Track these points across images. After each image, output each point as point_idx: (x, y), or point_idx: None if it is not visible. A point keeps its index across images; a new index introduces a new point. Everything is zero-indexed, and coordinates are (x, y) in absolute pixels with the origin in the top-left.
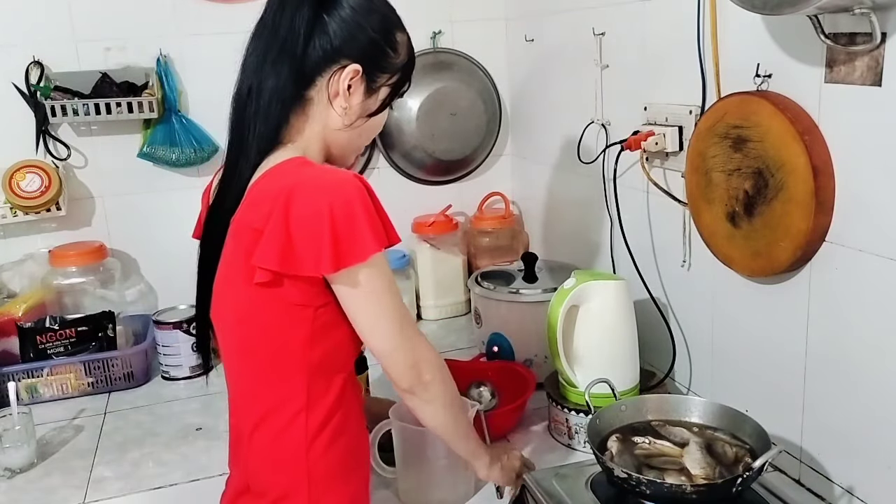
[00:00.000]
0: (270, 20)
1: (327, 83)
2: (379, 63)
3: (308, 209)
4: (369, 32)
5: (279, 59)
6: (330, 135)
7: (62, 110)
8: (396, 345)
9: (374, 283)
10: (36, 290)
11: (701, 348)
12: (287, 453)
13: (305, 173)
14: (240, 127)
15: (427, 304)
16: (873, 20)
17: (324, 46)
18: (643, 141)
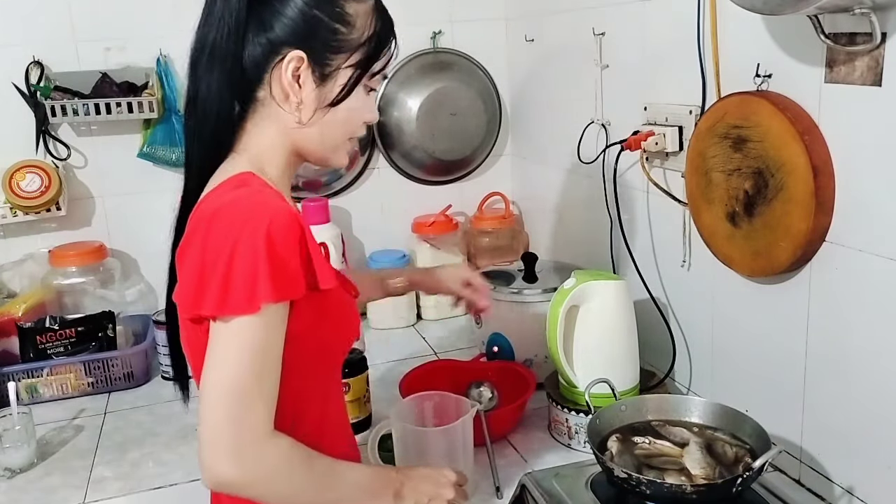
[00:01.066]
0: (203, 16)
1: (278, 79)
2: (326, 43)
3: (218, 242)
4: (305, 9)
5: (210, 60)
6: (293, 134)
7: (62, 110)
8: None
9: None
10: (36, 290)
11: (701, 348)
12: None
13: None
14: (188, 137)
15: (427, 304)
16: (873, 20)
17: (259, 39)
18: (643, 141)
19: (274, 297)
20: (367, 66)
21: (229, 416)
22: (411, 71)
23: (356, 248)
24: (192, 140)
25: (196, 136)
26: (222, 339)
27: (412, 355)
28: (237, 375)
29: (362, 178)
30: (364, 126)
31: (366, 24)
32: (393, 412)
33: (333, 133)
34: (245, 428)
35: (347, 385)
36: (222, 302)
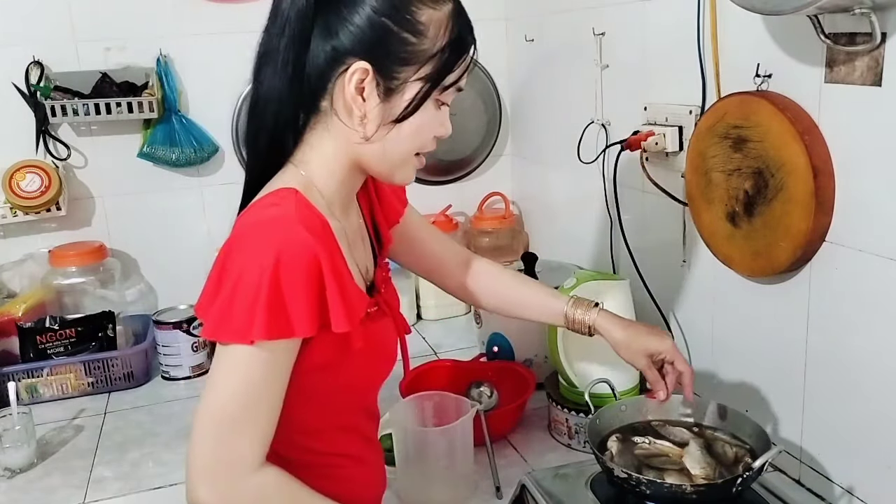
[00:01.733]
0: (270, 20)
1: (342, 91)
2: (394, 54)
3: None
4: (372, 16)
5: (274, 65)
6: (354, 150)
7: (62, 110)
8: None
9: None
10: (36, 290)
11: (701, 348)
12: None
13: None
14: (248, 141)
15: (427, 304)
16: (873, 20)
17: (324, 46)
18: (643, 141)
19: (266, 335)
20: (438, 79)
21: (215, 442)
22: None
23: None
24: (251, 145)
25: (254, 141)
26: (221, 362)
27: (412, 355)
28: (227, 403)
29: None
30: (435, 141)
31: (439, 33)
32: (393, 412)
33: (399, 149)
34: (226, 457)
35: None
36: (220, 327)
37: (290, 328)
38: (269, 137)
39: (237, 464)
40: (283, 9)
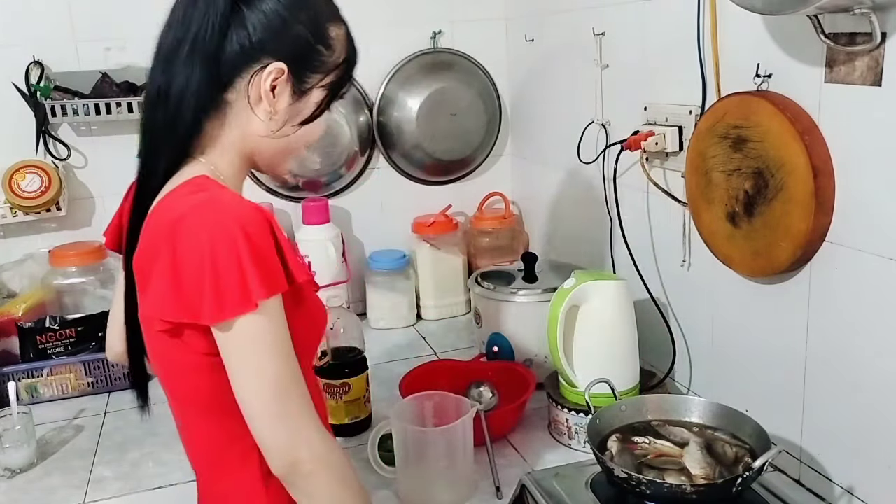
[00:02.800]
0: (182, 10)
1: (247, 85)
2: (309, 62)
3: (193, 247)
4: (296, 27)
5: (190, 56)
6: (253, 142)
7: (62, 110)
8: (272, 419)
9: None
10: (36, 290)
11: (701, 348)
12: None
13: (193, 203)
14: (150, 135)
15: (427, 304)
16: (873, 20)
17: (242, 42)
18: (643, 141)
19: (266, 292)
20: (338, 88)
21: (288, 416)
22: (411, 71)
23: (356, 248)
24: (162, 136)
25: (167, 132)
26: (236, 347)
27: (412, 355)
28: (277, 378)
29: (362, 178)
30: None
31: (342, 48)
32: (393, 412)
33: (295, 146)
34: (305, 422)
35: (347, 385)
36: (220, 307)
37: (279, 280)
38: (188, 127)
39: (312, 420)
40: (200, 4)
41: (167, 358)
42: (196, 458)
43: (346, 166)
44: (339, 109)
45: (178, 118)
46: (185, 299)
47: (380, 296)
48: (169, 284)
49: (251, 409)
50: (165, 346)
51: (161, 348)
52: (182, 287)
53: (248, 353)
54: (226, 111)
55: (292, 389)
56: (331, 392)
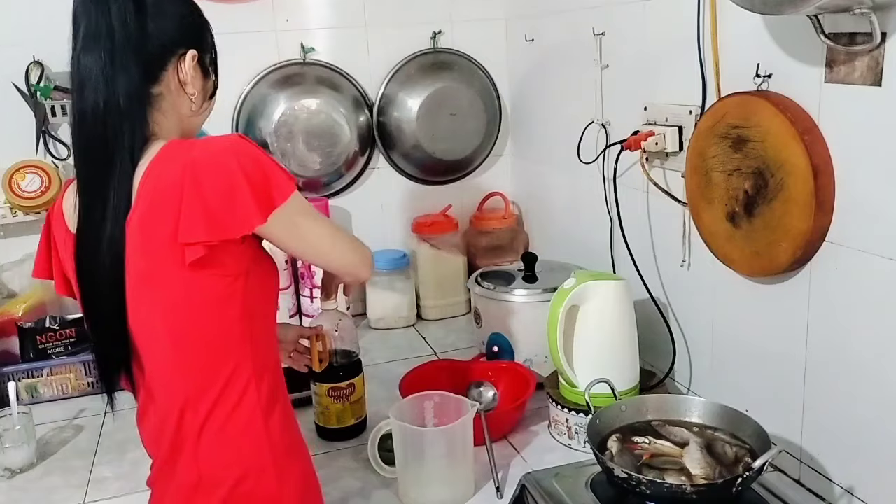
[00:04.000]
0: (95, 29)
1: (173, 75)
2: (203, 43)
3: (217, 172)
4: (190, 17)
5: (125, 62)
6: (186, 122)
7: (62, 110)
8: (357, 257)
9: (307, 216)
10: (36, 290)
11: (701, 348)
12: (246, 433)
13: (195, 146)
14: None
15: (427, 304)
16: (873, 20)
17: (161, 41)
18: (643, 141)
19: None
20: (216, 62)
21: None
22: (411, 71)
23: None
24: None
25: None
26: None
27: (412, 355)
28: (332, 229)
29: (362, 178)
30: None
31: (208, 26)
32: (393, 412)
33: (203, 119)
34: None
35: (353, 386)
36: (269, 202)
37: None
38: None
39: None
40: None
41: (191, 296)
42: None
43: (346, 166)
44: (340, 109)
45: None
46: (227, 216)
47: (380, 296)
48: (201, 210)
49: (343, 264)
50: (192, 281)
51: (185, 289)
52: (216, 208)
53: (312, 229)
54: (161, 102)
55: (342, 231)
56: (338, 395)
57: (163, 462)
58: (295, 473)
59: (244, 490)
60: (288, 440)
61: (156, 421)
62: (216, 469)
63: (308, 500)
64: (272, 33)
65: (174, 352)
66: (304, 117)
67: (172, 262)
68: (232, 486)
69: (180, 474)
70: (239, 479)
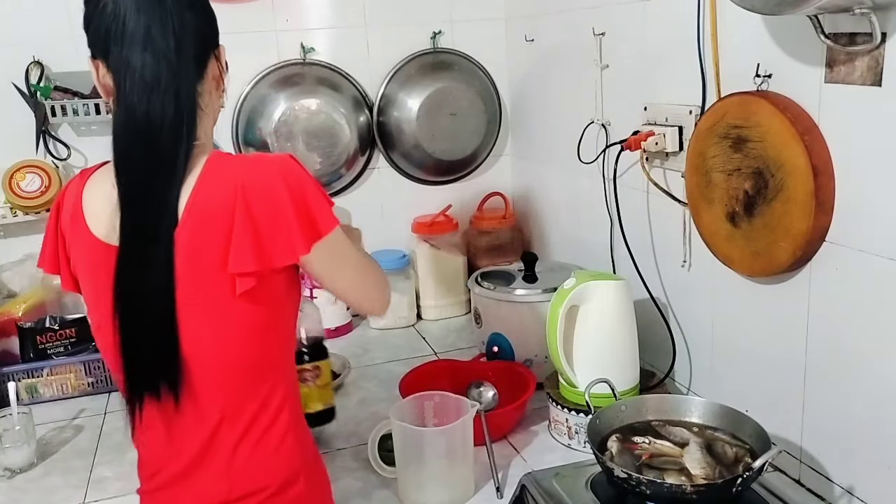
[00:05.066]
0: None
1: (213, 70)
2: (218, 37)
3: (267, 197)
4: (211, 10)
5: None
6: (215, 115)
7: (62, 110)
8: (379, 294)
9: (347, 249)
10: (36, 290)
11: (701, 348)
12: (280, 448)
13: (243, 164)
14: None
15: (427, 304)
16: (873, 20)
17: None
18: (643, 141)
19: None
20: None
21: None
22: (411, 71)
23: None
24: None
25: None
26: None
27: (412, 355)
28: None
29: (362, 178)
30: None
31: None
32: (393, 412)
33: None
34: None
35: (319, 368)
36: (313, 232)
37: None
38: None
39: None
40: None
41: (239, 322)
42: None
43: (346, 166)
44: (340, 109)
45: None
46: (274, 245)
47: None
48: (254, 240)
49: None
50: (243, 309)
51: (235, 315)
52: (266, 236)
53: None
54: (202, 101)
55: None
56: (304, 378)
57: (177, 476)
58: (321, 481)
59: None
60: (313, 450)
61: (180, 434)
62: (249, 483)
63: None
64: (272, 33)
65: (216, 371)
66: (304, 117)
67: (221, 289)
68: (264, 499)
69: (206, 488)
70: (272, 493)
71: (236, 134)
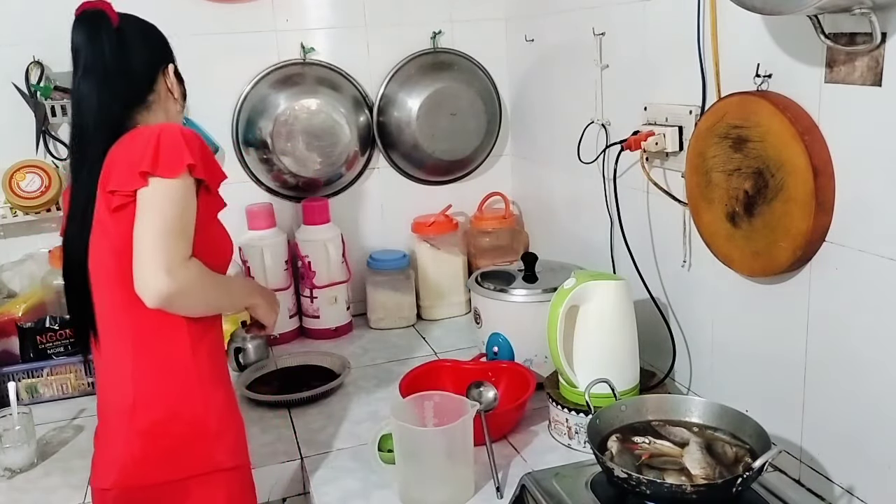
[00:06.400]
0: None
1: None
2: (173, 56)
3: (144, 137)
4: (160, 39)
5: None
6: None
7: (62, 110)
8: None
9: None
10: (36, 290)
11: (701, 348)
12: (175, 360)
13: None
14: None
15: (427, 304)
16: (873, 20)
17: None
18: (643, 141)
19: (189, 166)
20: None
21: (164, 246)
22: (411, 71)
23: (356, 248)
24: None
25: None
26: (151, 196)
27: (412, 355)
28: (166, 219)
29: (362, 178)
30: None
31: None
32: (393, 412)
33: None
34: (174, 254)
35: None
36: (154, 165)
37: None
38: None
39: (181, 256)
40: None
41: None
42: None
43: (346, 166)
44: (340, 109)
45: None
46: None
47: (380, 296)
48: (124, 164)
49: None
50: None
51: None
52: (131, 162)
53: (158, 201)
54: (152, 105)
55: (176, 235)
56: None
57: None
58: (218, 398)
59: (175, 411)
60: (213, 372)
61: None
62: (149, 394)
63: (229, 421)
64: (272, 33)
65: (115, 289)
66: (304, 117)
67: (107, 208)
68: (165, 407)
69: (120, 397)
70: (170, 403)
71: (236, 134)
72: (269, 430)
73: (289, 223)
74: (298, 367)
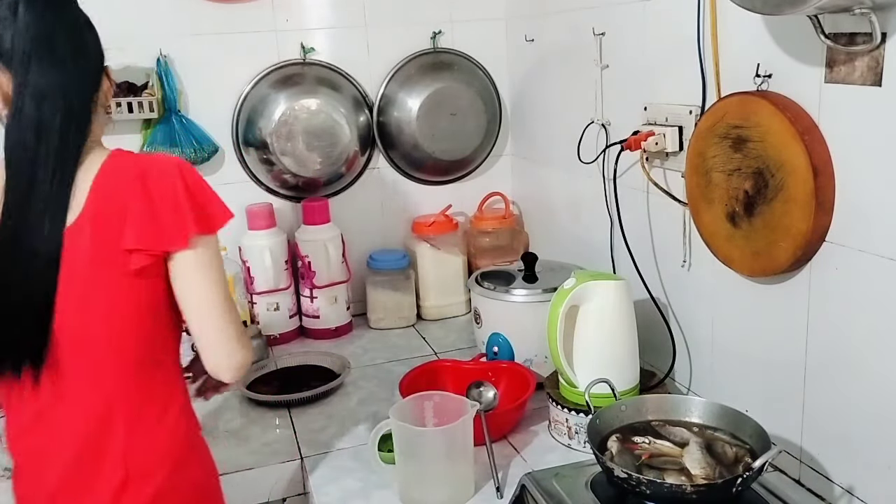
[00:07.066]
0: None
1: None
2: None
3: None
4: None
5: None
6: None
7: None
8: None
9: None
10: None
11: (701, 348)
12: (176, 427)
13: (144, 159)
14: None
15: (427, 304)
16: (873, 20)
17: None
18: (643, 141)
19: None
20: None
21: (234, 319)
22: (411, 71)
23: (356, 248)
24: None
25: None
26: (201, 259)
27: (412, 355)
28: (221, 285)
29: (362, 178)
30: None
31: None
32: (393, 412)
33: None
34: (238, 319)
35: None
36: (201, 222)
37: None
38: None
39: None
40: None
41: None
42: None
43: (346, 166)
44: (340, 109)
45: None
46: (169, 226)
47: (380, 296)
48: (150, 220)
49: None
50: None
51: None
52: (162, 216)
53: (211, 268)
54: (93, 115)
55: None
56: None
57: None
58: (209, 457)
59: (175, 480)
60: (199, 436)
61: (68, 422)
62: (147, 464)
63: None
64: (272, 33)
65: (107, 354)
66: (304, 117)
67: (118, 269)
68: (164, 478)
69: (105, 474)
70: (170, 471)
71: (236, 134)
72: (269, 430)
73: (289, 223)
74: (298, 367)
